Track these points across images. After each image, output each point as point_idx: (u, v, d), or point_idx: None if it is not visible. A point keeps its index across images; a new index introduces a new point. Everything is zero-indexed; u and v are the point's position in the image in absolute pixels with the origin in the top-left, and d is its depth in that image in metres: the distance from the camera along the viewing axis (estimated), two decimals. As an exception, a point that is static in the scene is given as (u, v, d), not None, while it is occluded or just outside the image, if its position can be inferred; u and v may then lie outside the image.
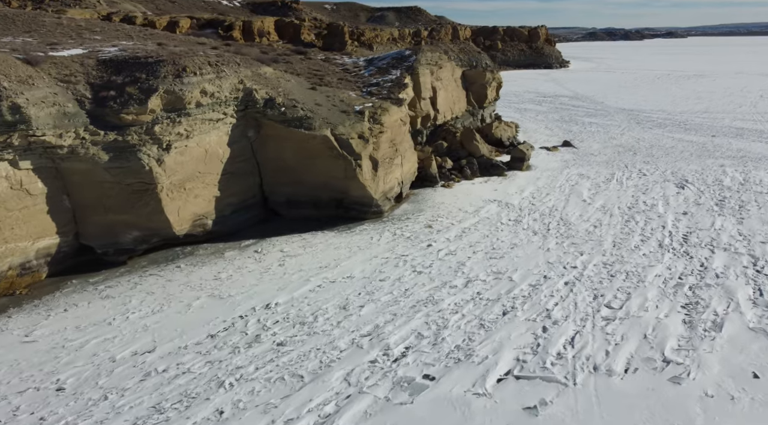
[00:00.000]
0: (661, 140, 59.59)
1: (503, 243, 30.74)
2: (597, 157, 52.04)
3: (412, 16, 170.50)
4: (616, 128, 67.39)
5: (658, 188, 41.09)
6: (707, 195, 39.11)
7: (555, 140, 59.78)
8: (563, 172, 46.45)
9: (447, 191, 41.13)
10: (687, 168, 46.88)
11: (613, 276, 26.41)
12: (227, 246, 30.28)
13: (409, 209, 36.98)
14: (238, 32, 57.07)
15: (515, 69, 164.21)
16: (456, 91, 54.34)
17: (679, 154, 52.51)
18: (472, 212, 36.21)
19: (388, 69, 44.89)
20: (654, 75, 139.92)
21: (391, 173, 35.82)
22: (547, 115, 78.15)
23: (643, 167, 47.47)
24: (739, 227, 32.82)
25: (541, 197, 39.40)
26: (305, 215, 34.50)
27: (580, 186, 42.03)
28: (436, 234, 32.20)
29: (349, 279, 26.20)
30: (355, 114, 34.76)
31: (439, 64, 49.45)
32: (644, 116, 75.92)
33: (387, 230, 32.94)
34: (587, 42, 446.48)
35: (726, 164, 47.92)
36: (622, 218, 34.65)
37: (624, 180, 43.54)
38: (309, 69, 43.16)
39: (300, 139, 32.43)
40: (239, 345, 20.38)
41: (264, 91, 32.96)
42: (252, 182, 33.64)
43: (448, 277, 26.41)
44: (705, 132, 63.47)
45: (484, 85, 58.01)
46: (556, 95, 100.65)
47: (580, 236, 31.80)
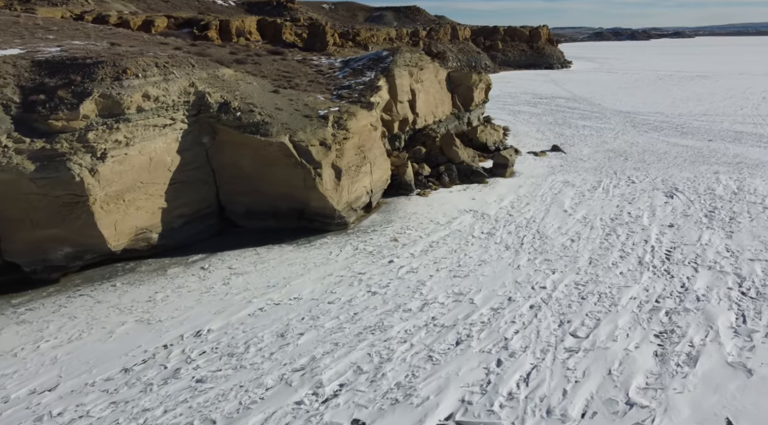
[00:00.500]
0: (655, 144, 57.19)
1: (471, 259, 28.53)
2: (586, 163, 49.72)
3: (410, 15, 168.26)
4: (610, 131, 65.01)
5: (645, 198, 38.77)
6: (697, 206, 36.78)
7: (545, 144, 57.48)
8: (548, 179, 44.17)
9: (422, 199, 38.94)
10: (679, 175, 44.52)
11: (584, 298, 24.19)
12: (173, 262, 28.17)
13: (377, 220, 34.82)
14: (215, 32, 55.01)
15: (516, 69, 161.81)
16: (440, 93, 52.13)
17: (673, 160, 50.13)
18: (443, 224, 34.01)
19: (363, 71, 42.75)
20: (656, 76, 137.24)
21: (357, 181, 33.66)
22: (540, 117, 75.81)
23: (632, 174, 45.13)
24: (727, 241, 30.51)
25: (520, 207, 37.16)
26: (265, 226, 32.40)
27: (564, 195, 39.75)
28: (401, 249, 30.02)
29: (296, 301, 24.06)
30: (319, 119, 32.63)
31: (420, 66, 47.25)
32: (641, 118, 73.48)
33: (349, 243, 30.78)
34: (593, 42, 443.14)
35: (720, 171, 45.53)
36: (603, 231, 32.39)
37: (611, 188, 41.23)
38: (278, 70, 41.05)
39: (256, 146, 30.34)
40: (153, 381, 18.26)
41: (219, 94, 30.86)
42: (207, 191, 31.54)
43: (404, 299, 24.23)
44: (702, 136, 61.02)
45: (471, 88, 55.77)
46: (553, 97, 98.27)
47: (555, 251, 29.56)
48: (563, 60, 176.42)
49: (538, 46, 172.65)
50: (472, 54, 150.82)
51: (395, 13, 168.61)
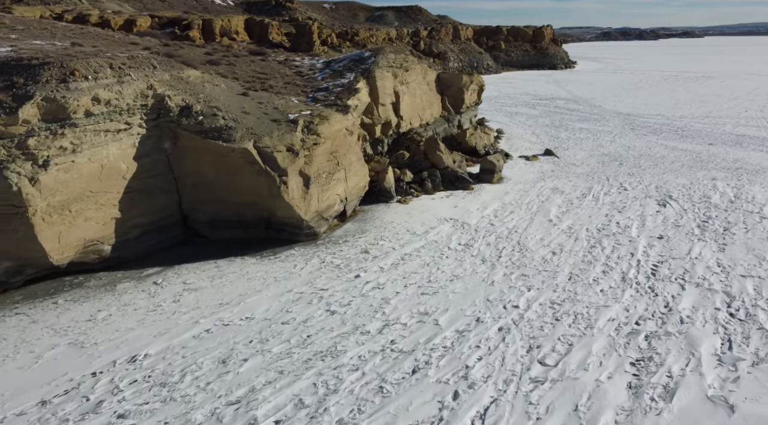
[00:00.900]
0: (652, 148, 55.18)
1: (443, 274, 26.75)
2: (578, 168, 47.80)
3: (412, 15, 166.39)
4: (607, 134, 63.02)
5: (636, 206, 36.86)
6: (690, 215, 34.84)
7: (538, 148, 55.59)
8: (537, 185, 42.30)
9: (401, 207, 37.18)
10: (674, 182, 42.55)
11: (559, 320, 22.38)
12: (126, 276, 26.53)
13: (351, 230, 33.09)
14: (197, 32, 53.40)
15: (519, 70, 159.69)
16: (428, 95, 50.33)
17: (669, 165, 48.14)
18: (420, 234, 32.25)
19: (342, 72, 41.03)
20: (661, 76, 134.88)
21: (329, 189, 31.95)
22: (537, 119, 73.86)
23: (626, 181, 43.19)
24: (719, 255, 28.60)
25: (503, 216, 35.34)
26: (231, 236, 30.75)
27: (551, 203, 37.88)
28: (371, 262, 28.28)
29: (247, 321, 22.36)
30: (288, 123, 30.93)
31: (405, 67, 45.48)
32: (640, 121, 71.41)
33: (317, 255, 29.07)
34: (600, 42, 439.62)
35: (718, 178, 43.52)
36: (588, 243, 30.53)
37: (601, 196, 39.32)
38: (254, 72, 39.39)
39: (219, 152, 28.67)
40: (71, 416, 16.60)
41: (180, 97, 29.22)
42: (168, 199, 29.91)
43: (364, 319, 22.49)
44: (702, 139, 58.95)
45: (461, 89, 53.93)
46: (553, 98, 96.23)
47: (533, 265, 27.74)
48: (567, 60, 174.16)
49: (541, 46, 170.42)
50: (474, 54, 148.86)
51: (396, 12, 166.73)
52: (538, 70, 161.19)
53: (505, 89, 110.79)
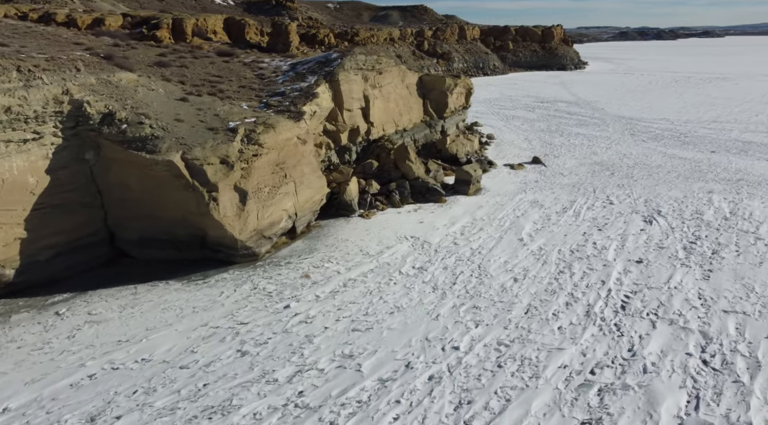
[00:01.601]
0: (650, 156, 51.62)
1: (384, 305, 23.70)
2: (565, 178, 44.45)
3: (417, 15, 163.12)
4: (604, 140, 59.47)
5: (619, 223, 33.53)
6: (677, 234, 31.46)
7: (528, 155, 52.27)
8: (515, 198, 39.06)
9: (362, 222, 34.16)
10: (666, 195, 39.09)
11: (502, 366, 19.26)
12: (27, 304, 23.77)
13: (299, 249, 30.14)
14: (166, 31, 50.71)
15: (526, 70, 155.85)
16: (407, 99, 47.24)
17: (665, 175, 44.63)
18: (373, 255, 29.22)
19: (305, 75, 38.11)
20: (673, 78, 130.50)
21: (273, 205, 29.02)
22: (533, 124, 70.42)
23: (613, 193, 39.80)
24: (702, 285, 25.27)
25: (470, 234, 32.20)
26: (163, 256, 27.96)
27: (526, 218, 34.66)
28: (308, 288, 25.29)
29: (141, 365, 19.46)
30: (226, 132, 28.05)
31: (379, 70, 42.42)
32: (642, 126, 67.71)
33: (251, 280, 26.14)
34: (617, 42, 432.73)
35: (715, 190, 39.98)
36: (556, 268, 27.31)
37: (583, 211, 36.01)
38: (207, 74, 36.59)
39: (143, 164, 25.87)
40: None
41: (103, 103, 26.43)
42: (90, 216, 27.16)
43: (276, 363, 19.52)
44: (705, 146, 55.26)
45: (444, 93, 50.74)
46: (555, 100, 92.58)
47: (489, 295, 24.60)
48: (577, 61, 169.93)
49: (550, 46, 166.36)
50: (480, 55, 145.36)
51: (401, 12, 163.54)
52: (546, 70, 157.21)
53: (507, 91, 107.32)
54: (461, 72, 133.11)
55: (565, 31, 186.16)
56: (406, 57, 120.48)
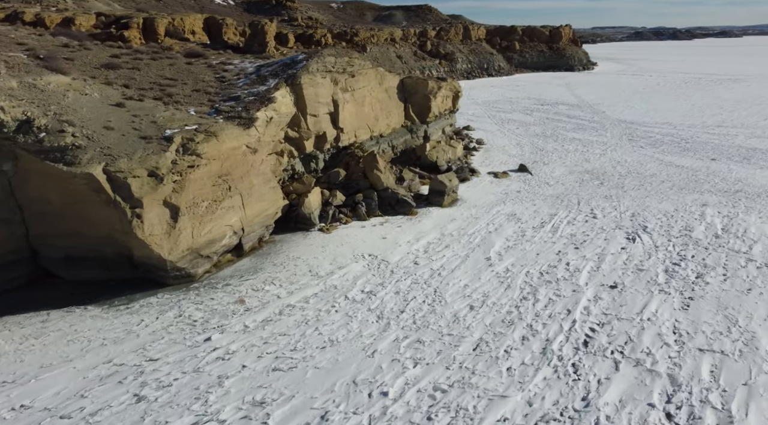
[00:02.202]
0: (645, 164, 48.62)
1: (318, 338, 21.15)
2: (551, 188, 41.62)
3: (421, 15, 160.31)
4: (600, 146, 56.48)
5: (600, 241, 30.74)
6: (661, 254, 28.64)
7: (516, 162, 49.48)
8: (492, 210, 36.35)
9: (320, 238, 31.65)
10: (656, 208, 36.20)
11: (432, 419, 16.62)
12: None
13: (243, 268, 27.69)
14: (136, 31, 48.48)
15: (533, 71, 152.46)
16: (384, 103, 44.66)
17: (657, 185, 41.67)
18: (322, 276, 26.69)
19: (266, 78, 35.65)
20: (682, 79, 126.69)
21: (214, 220, 26.57)
22: (529, 128, 67.50)
23: (599, 205, 36.95)
24: (679, 316, 22.47)
25: (435, 252, 29.58)
26: (92, 277, 25.67)
27: (499, 234, 31.96)
28: (239, 316, 22.81)
29: (19, 413, 17.14)
30: (160, 141, 25.64)
31: (351, 72, 39.87)
32: (642, 130, 64.57)
33: (179, 305, 23.71)
34: (632, 42, 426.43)
35: (710, 203, 37.01)
36: (520, 293, 24.63)
37: (562, 226, 33.24)
38: (160, 77, 34.25)
39: (61, 176, 23.50)
40: None
41: (21, 109, 24.10)
42: (10, 232, 24.90)
43: (174, 412, 17.08)
44: (706, 153, 52.15)
45: (427, 96, 48.08)
46: (556, 103, 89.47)
47: (438, 326, 21.98)
48: (586, 62, 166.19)
49: (558, 47, 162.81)
50: (485, 55, 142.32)
51: (405, 12, 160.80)
52: (553, 71, 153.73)
53: (509, 93, 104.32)
54: (465, 73, 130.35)
55: (574, 31, 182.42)
56: (406, 58, 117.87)
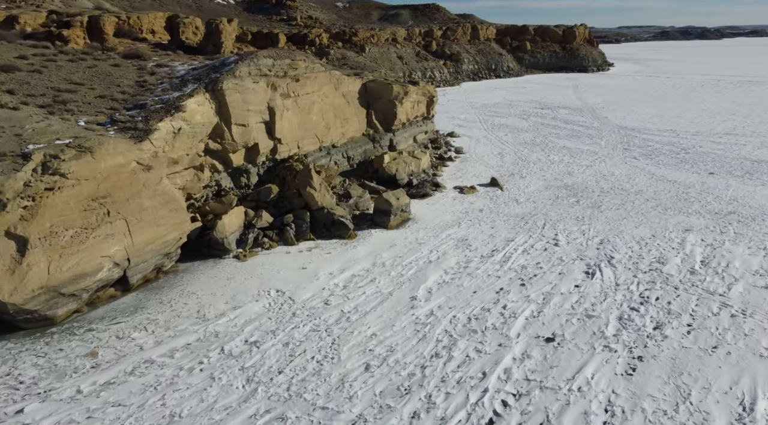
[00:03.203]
0: (634, 177, 43.76)
1: (159, 411, 17.14)
2: (519, 206, 37.08)
3: (428, 14, 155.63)
4: (589, 156, 51.62)
5: (552, 276, 26.25)
6: (619, 296, 24.08)
7: (491, 174, 44.95)
8: (443, 234, 32.00)
9: (232, 267, 27.63)
10: (630, 233, 31.53)
11: None
12: None
13: (122, 307, 23.75)
14: (79, 30, 44.98)
15: (544, 72, 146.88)
16: (341, 110, 40.52)
17: (641, 204, 36.89)
18: (209, 319, 22.68)
19: (186, 83, 31.73)
20: (700, 81, 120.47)
21: (83, 251, 22.67)
22: (519, 134, 62.75)
23: (566, 229, 32.38)
24: (619, 386, 18.00)
25: (355, 288, 25.38)
26: (-61, 316, 21.72)
27: (438, 265, 27.64)
28: (79, 376, 18.89)
29: None
30: (15, 159, 21.76)
31: (294, 76, 35.79)
32: (641, 138, 59.45)
33: (16, 359, 19.90)
34: (657, 41, 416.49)
35: (694, 228, 32.22)
36: (433, 348, 20.33)
37: (515, 255, 28.77)
38: (65, 81, 30.58)
39: None
40: None
41: None
42: None
43: None
44: (705, 166, 47.08)
45: (392, 102, 43.79)
46: (558, 106, 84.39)
47: (316, 394, 17.80)
48: (601, 62, 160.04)
49: (572, 47, 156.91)
50: (493, 56, 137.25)
51: (412, 11, 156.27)
52: (566, 72, 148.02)
53: (512, 95, 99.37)
54: (471, 74, 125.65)
55: (591, 30, 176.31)
56: (408, 58, 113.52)
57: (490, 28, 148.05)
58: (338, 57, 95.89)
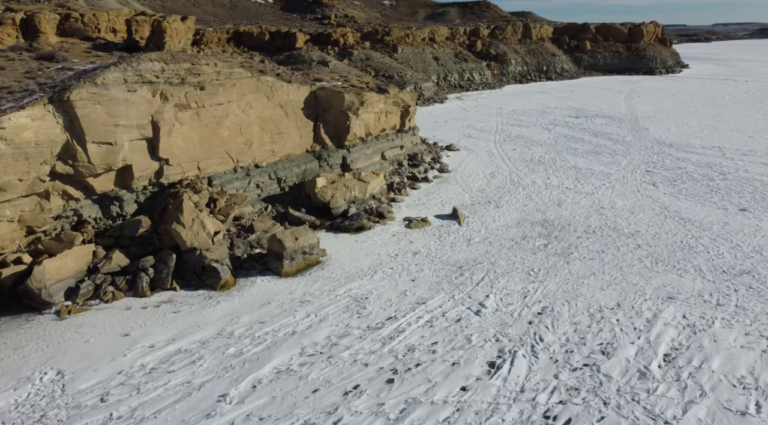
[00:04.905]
0: (638, 213, 35.09)
1: None
2: (467, 249, 29.52)
3: (478, 12, 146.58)
4: (599, 180, 42.90)
5: (439, 369, 19.01)
6: (513, 413, 16.62)
7: (464, 201, 37.34)
8: (341, 288, 25.09)
9: (41, 327, 21.82)
10: (587, 300, 23.61)
11: None
12: None
13: None
14: (11, 29, 40.44)
15: (604, 74, 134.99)
16: (275, 123, 34.12)
17: (626, 254, 28.58)
18: (-72, 417, 16.64)
19: (32, 92, 26.04)
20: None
21: None
22: (529, 150, 54.29)
23: (504, 288, 24.72)
24: None
25: (163, 372, 19.04)
26: None
27: (299, 340, 20.81)
28: None
29: None
30: None
31: (198, 83, 29.64)
32: (674, 158, 49.81)
33: None
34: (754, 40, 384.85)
35: (680, 296, 23.85)
36: None
37: (413, 329, 21.60)
38: None
39: None
40: None
41: None
42: None
43: None
44: (738, 198, 37.70)
45: (345, 114, 36.90)
46: (596, 115, 74.67)
47: None
48: (672, 64, 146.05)
49: (638, 46, 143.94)
50: (545, 56, 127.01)
51: (461, 9, 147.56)
52: (628, 74, 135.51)
53: (552, 101, 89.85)
54: (518, 76, 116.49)
55: (663, 28, 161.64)
56: (444, 59, 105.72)
57: (545, 27, 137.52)
58: (362, 58, 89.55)
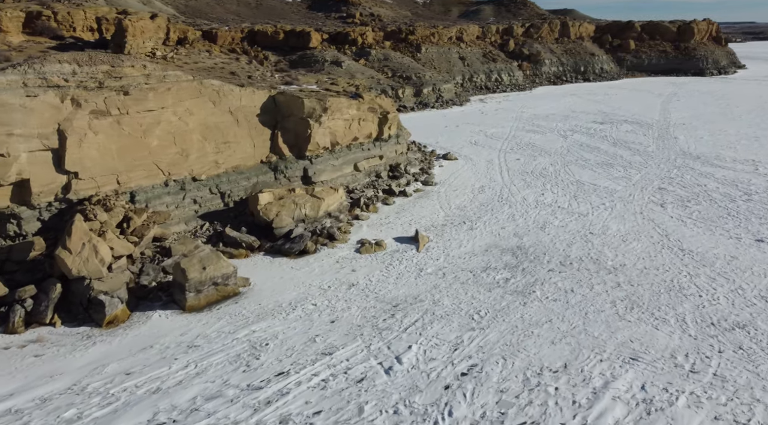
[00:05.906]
0: (631, 241, 30.32)
1: None
2: (413, 282, 25.53)
3: (513, 10, 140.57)
4: (599, 197, 38.07)
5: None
6: None
7: (433, 222, 33.27)
8: (244, 329, 21.62)
9: None
10: (527, 358, 19.55)
11: None
12: None
13: None
14: (-34, 27, 38.55)
15: (649, 75, 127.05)
16: (223, 131, 30.88)
17: (599, 294, 24.13)
18: None
19: None
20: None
21: None
22: (533, 160, 49.54)
23: (436, 336, 20.82)
24: None
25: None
26: None
27: (148, 406, 17.18)
28: None
29: None
30: None
31: (121, 88, 26.54)
32: (696, 173, 44.30)
33: None
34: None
35: (646, 357, 19.49)
36: None
37: (299, 391, 18.03)
38: None
39: None
40: None
41: None
42: None
43: None
44: (760, 224, 32.44)
45: (305, 121, 33.28)
46: (624, 121, 68.90)
47: None
48: (725, 64, 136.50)
49: (687, 46, 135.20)
50: (584, 56, 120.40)
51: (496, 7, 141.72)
52: (675, 76, 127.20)
53: (582, 104, 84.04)
54: (552, 77, 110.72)
55: (718, 25, 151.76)
56: (471, 60, 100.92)
57: (585, 25, 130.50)
58: (379, 58, 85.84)
